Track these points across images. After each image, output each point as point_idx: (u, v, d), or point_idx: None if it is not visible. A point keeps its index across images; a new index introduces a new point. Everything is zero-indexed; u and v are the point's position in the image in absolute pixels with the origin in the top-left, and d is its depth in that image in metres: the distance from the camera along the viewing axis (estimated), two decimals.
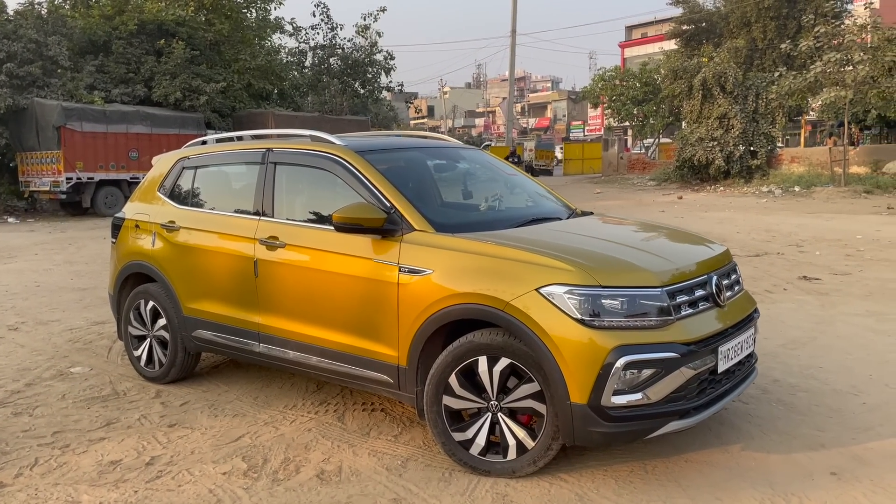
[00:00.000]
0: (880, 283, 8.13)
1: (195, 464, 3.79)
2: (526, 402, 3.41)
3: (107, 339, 6.42)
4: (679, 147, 27.30)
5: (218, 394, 4.90)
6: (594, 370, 3.17)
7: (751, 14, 31.33)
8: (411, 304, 3.66)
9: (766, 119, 25.92)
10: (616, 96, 37.86)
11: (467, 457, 3.55)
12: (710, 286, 3.61)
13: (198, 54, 24.36)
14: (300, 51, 31.48)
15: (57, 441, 4.16)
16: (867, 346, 5.61)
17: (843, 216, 16.16)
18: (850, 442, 3.81)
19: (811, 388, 4.67)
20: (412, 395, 3.75)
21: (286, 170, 4.46)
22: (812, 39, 22.39)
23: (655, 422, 3.25)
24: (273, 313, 4.31)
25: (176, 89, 22.92)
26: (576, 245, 3.70)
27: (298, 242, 4.18)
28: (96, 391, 5.02)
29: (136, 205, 5.36)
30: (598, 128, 58.41)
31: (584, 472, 3.54)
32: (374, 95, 32.46)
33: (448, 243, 3.65)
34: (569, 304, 3.24)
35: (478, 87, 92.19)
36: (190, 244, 4.79)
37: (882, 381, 4.77)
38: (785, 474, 3.45)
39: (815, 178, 23.49)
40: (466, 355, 3.49)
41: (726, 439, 3.88)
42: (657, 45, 51.06)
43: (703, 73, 26.08)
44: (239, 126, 24.57)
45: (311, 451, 3.90)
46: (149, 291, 5.06)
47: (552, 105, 70.05)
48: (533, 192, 4.85)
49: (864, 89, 21.45)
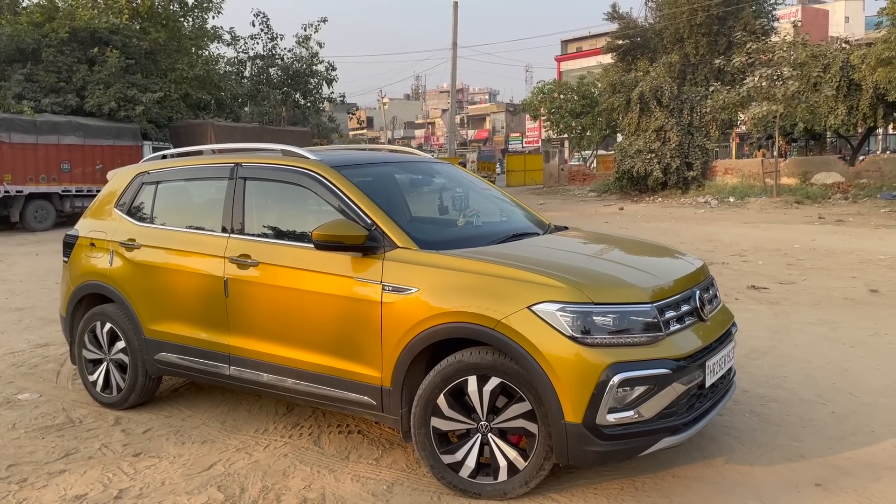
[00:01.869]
0: (826, 292, 8.40)
1: (167, 496, 3.60)
2: (517, 421, 3.35)
3: (53, 363, 6.10)
4: (618, 159, 27.86)
5: (182, 419, 4.69)
6: (589, 388, 3.14)
7: (683, 30, 32.20)
8: (396, 323, 3.57)
9: (701, 132, 26.70)
10: (555, 109, 38.41)
11: (457, 479, 3.47)
12: (694, 301, 3.63)
13: (133, 63, 23.65)
14: (239, 60, 30.91)
15: (12, 475, 3.90)
16: (825, 354, 5.76)
17: (778, 226, 16.73)
18: (827, 452, 3.88)
19: (780, 398, 4.76)
20: (396, 417, 3.65)
21: (257, 185, 4.31)
22: (744, 55, 23.19)
23: (649, 439, 3.24)
24: (245, 334, 4.14)
25: (110, 99, 22.18)
26: (563, 262, 3.68)
27: (272, 261, 4.04)
28: (49, 419, 4.74)
29: (91, 222, 5.10)
30: (536, 139, 59.19)
31: (575, 491, 3.50)
32: (316, 106, 32.09)
33: (434, 260, 3.58)
34: (561, 321, 3.20)
35: (417, 98, 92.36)
36: (152, 263, 4.58)
37: (845, 389, 4.89)
38: (772, 487, 3.49)
39: (749, 188, 24.29)
40: (455, 375, 3.41)
41: (709, 453, 3.90)
42: (592, 59, 52.13)
43: (640, 87, 26.72)
44: (176, 137, 23.90)
45: (289, 478, 3.75)
46: (106, 313, 4.82)
47: (490, 117, 70.61)
48: (507, 207, 4.82)
49: (794, 104, 22.31)
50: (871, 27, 46.01)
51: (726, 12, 31.32)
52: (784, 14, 38.20)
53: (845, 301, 7.84)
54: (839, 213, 18.96)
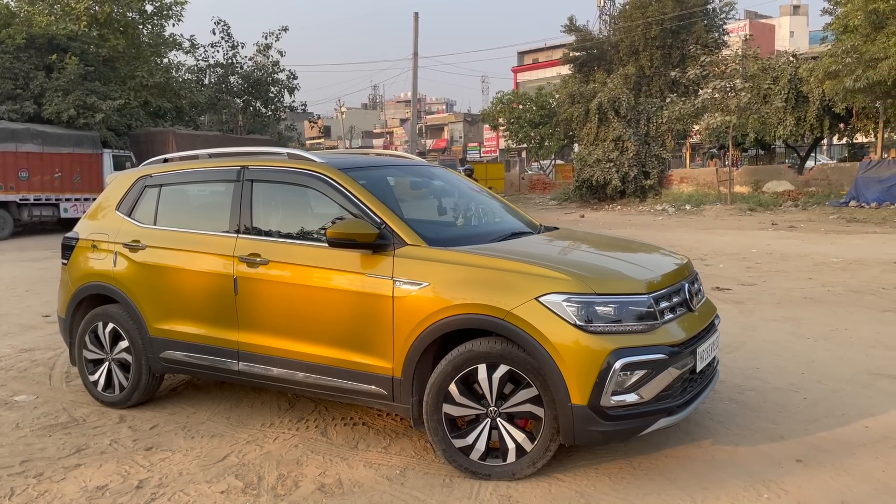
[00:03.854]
0: (785, 292, 8.84)
1: (187, 485, 3.74)
2: (524, 406, 3.59)
3: (42, 367, 6.13)
4: (578, 168, 28.47)
5: (187, 416, 4.80)
6: (594, 372, 3.39)
7: (639, 43, 33.05)
8: (407, 316, 3.77)
9: (657, 142, 27.49)
10: (514, 119, 38.98)
11: (468, 462, 3.68)
12: (684, 293, 3.92)
13: (92, 70, 23.39)
14: (199, 68, 30.70)
15: (28, 470, 3.98)
16: (792, 348, 6.13)
17: (734, 232, 17.35)
18: (804, 433, 4.20)
19: (755, 387, 5.09)
20: (407, 405, 3.85)
21: (264, 187, 4.47)
22: (699, 68, 23.97)
23: (648, 419, 3.50)
24: (255, 331, 4.30)
25: (69, 106, 21.88)
26: (565, 256, 3.94)
27: (283, 259, 4.20)
28: (52, 419, 4.81)
29: (92, 224, 5.19)
30: (494, 149, 59.79)
31: (578, 471, 3.74)
32: (278, 115, 32.04)
33: (443, 256, 3.80)
34: (567, 311, 3.45)
35: (374, 108, 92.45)
36: (158, 264, 4.70)
37: (814, 378, 5.25)
38: (757, 464, 3.78)
39: (704, 196, 25.06)
40: (466, 364, 3.63)
41: (696, 436, 4.19)
42: (548, 70, 53.03)
43: (599, 98, 27.39)
44: (136, 146, 23.67)
45: (304, 467, 3.92)
46: (108, 313, 4.91)
47: (449, 126, 71.13)
48: (499, 209, 5.07)
49: (746, 114, 23.15)
50: (816, 41, 47.90)
51: (679, 26, 32.26)
52: (733, 28, 39.43)
53: (805, 300, 8.28)
54: (791, 219, 19.72)
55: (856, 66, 18.65)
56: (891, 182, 20.99)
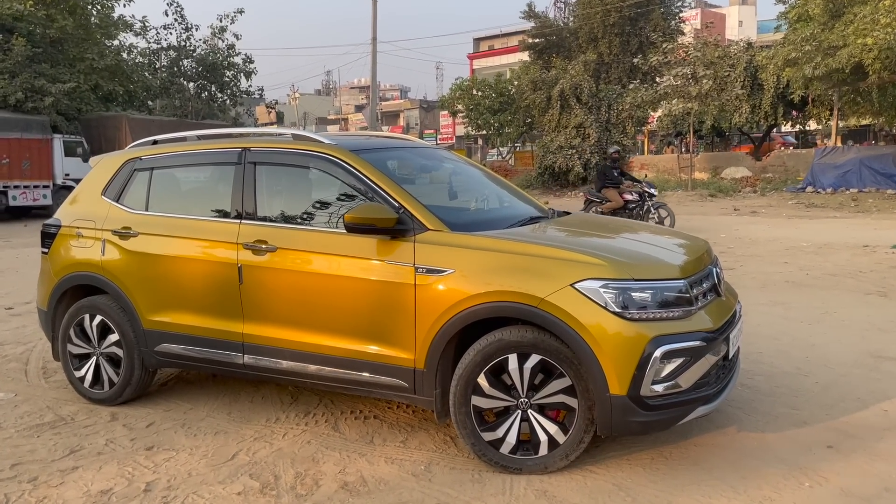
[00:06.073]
0: (766, 276, 8.91)
1: (200, 486, 3.51)
2: (557, 397, 3.45)
3: (15, 362, 5.77)
4: (540, 155, 28.50)
5: (184, 412, 4.55)
6: (633, 361, 3.26)
7: (598, 30, 33.20)
8: (431, 305, 3.59)
9: (618, 128, 27.65)
10: (473, 105, 38.80)
11: (498, 456, 3.53)
12: (713, 277, 3.83)
13: (40, 52, 22.40)
14: (151, 51, 29.70)
15: (20, 474, 3.70)
16: (788, 332, 6.14)
17: (699, 217, 17.56)
18: (826, 417, 4.16)
19: (763, 371, 5.05)
20: (430, 398, 3.68)
21: (269, 170, 4.23)
22: (661, 54, 24.16)
23: (687, 408, 3.40)
24: (262, 322, 4.07)
25: (17, 89, 20.95)
26: (596, 241, 3.80)
27: (292, 246, 3.98)
28: (37, 418, 4.50)
29: (75, 209, 4.86)
30: (451, 136, 59.55)
31: (610, 463, 3.63)
32: (235, 99, 31.23)
33: (469, 242, 3.62)
34: (605, 297, 3.31)
35: (328, 94, 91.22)
36: (151, 252, 4.42)
37: (819, 362, 5.24)
38: (788, 450, 3.72)
39: (664, 183, 25.32)
40: (496, 354, 3.47)
41: (719, 423, 4.11)
42: (505, 57, 52.94)
43: (560, 85, 27.39)
44: (87, 131, 22.81)
45: (321, 464, 3.72)
46: (96, 305, 4.61)
47: (404, 113, 70.51)
48: (509, 193, 4.91)
49: (707, 101, 23.44)
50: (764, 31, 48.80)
51: (637, 13, 32.49)
52: (686, 17, 39.94)
53: (788, 284, 8.34)
54: (751, 205, 20.05)
55: (815, 54, 18.98)
56: (846, 168, 21.52)
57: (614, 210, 13.53)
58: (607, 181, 13.90)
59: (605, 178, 14.02)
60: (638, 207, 13.64)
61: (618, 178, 13.94)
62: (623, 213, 13.54)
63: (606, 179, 13.94)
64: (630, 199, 13.61)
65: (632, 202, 13.62)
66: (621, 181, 13.94)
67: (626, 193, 13.70)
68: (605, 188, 13.85)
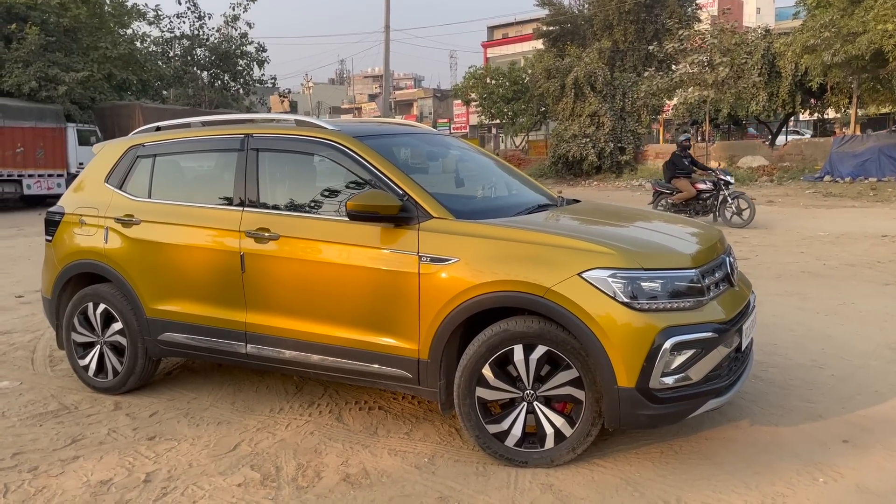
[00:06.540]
0: (781, 266, 8.76)
1: (200, 477, 3.46)
2: (564, 389, 3.36)
3: (23, 350, 5.76)
4: (554, 143, 28.28)
5: (187, 401, 4.50)
6: (642, 353, 3.17)
7: (613, 17, 32.80)
8: (435, 294, 3.51)
9: (633, 117, 27.38)
10: (487, 94, 38.57)
11: (503, 449, 3.46)
12: (725, 266, 3.72)
13: (53, 41, 22.41)
14: (164, 40, 29.68)
15: (20, 464, 3.66)
16: (804, 323, 6.01)
17: None
18: (841, 411, 4.05)
19: (778, 363, 4.94)
20: (434, 389, 3.60)
21: (272, 156, 4.15)
22: (677, 41, 23.85)
23: (697, 401, 3.30)
24: (265, 311, 4.00)
25: (30, 78, 20.99)
26: (605, 229, 3.70)
27: (295, 234, 3.91)
28: (41, 406, 4.47)
29: (78, 197, 4.82)
30: (464, 125, 59.31)
31: (618, 456, 3.54)
32: (248, 88, 31.18)
33: (474, 230, 3.54)
34: (613, 287, 3.22)
35: (341, 83, 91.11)
36: (154, 240, 4.36)
37: (835, 354, 5.12)
38: (802, 445, 3.62)
39: None
40: (501, 344, 3.39)
41: (731, 416, 4.01)
42: (519, 45, 52.61)
43: (575, 73, 27.13)
44: (101, 119, 22.86)
45: (323, 455, 3.66)
46: (99, 293, 4.57)
47: (418, 102, 70.25)
48: (517, 180, 4.81)
49: (724, 89, 23.13)
50: (782, 18, 48.15)
51: (653, 0, 32.08)
52: (703, 3, 39.44)
53: (804, 274, 8.19)
54: (768, 194, 19.77)
55: (834, 41, 18.65)
56: (865, 157, 21.15)
57: (686, 201, 12.93)
58: (678, 170, 13.10)
59: (675, 167, 13.18)
60: (712, 197, 12.92)
61: (689, 167, 13.15)
62: (696, 203, 12.96)
63: (677, 169, 13.13)
64: (703, 189, 12.88)
65: (705, 192, 12.90)
66: (693, 170, 13.17)
67: (699, 183, 12.97)
68: (675, 178, 13.08)
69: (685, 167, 13.14)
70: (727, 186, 12.83)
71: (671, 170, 13.27)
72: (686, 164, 13.19)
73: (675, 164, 13.24)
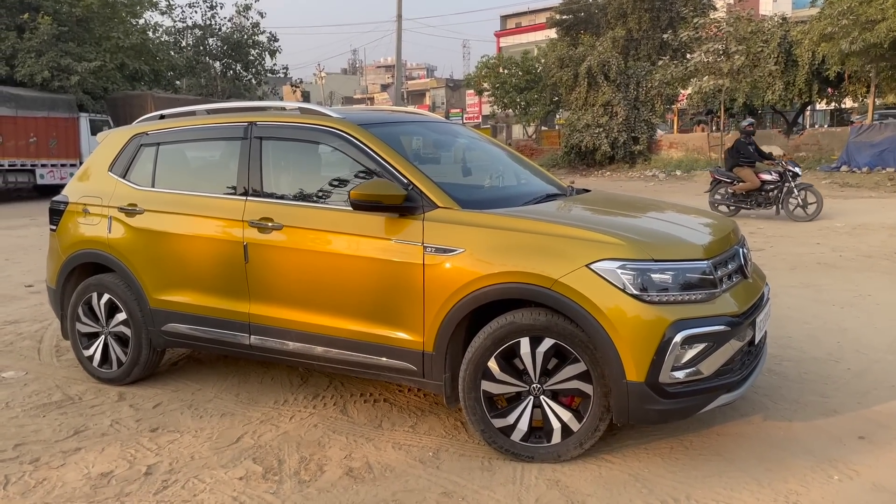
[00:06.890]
0: (796, 257, 8.62)
1: (201, 470, 3.41)
2: (571, 382, 3.28)
3: (30, 340, 5.75)
4: (567, 133, 28.06)
5: (192, 393, 4.46)
6: (652, 347, 3.08)
7: (627, 6, 32.47)
8: (440, 285, 3.44)
9: (647, 106, 27.11)
10: (499, 84, 38.34)
11: (509, 443, 3.39)
12: (739, 258, 3.62)
13: (66, 30, 22.46)
14: (177, 30, 29.71)
15: (22, 455, 3.63)
16: (819, 315, 5.90)
17: None
18: (857, 406, 3.95)
19: (792, 357, 4.84)
20: (439, 382, 3.53)
21: (275, 145, 4.09)
22: (692, 30, 23.56)
23: (708, 396, 3.21)
24: (268, 302, 3.95)
25: (43, 68, 21.06)
26: (615, 220, 3.61)
27: (298, 224, 3.84)
28: (45, 397, 4.45)
29: (82, 186, 4.78)
30: (477, 115, 59.06)
31: (627, 452, 3.46)
32: (260, 78, 31.19)
33: (479, 220, 3.45)
34: (623, 279, 3.13)
35: (354, 73, 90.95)
36: (157, 229, 4.31)
37: (851, 347, 5.00)
38: (816, 441, 3.52)
39: (693, 162, 24.82)
40: (508, 337, 3.32)
41: (743, 411, 3.92)
42: (532, 34, 52.23)
43: (588, 62, 26.88)
44: (113, 109, 22.91)
45: (326, 449, 3.60)
46: (103, 283, 4.53)
47: (430, 92, 70.06)
48: (525, 169, 4.72)
49: (739, 78, 22.84)
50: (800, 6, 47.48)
51: None
52: None
53: (819, 265, 8.06)
54: None
55: (852, 28, 18.34)
56: (883, 146, 20.81)
57: (749, 191, 12.31)
58: (742, 158, 12.34)
59: (738, 154, 12.39)
60: (777, 189, 12.19)
61: (754, 155, 12.39)
62: (759, 195, 12.30)
63: (741, 156, 12.36)
64: (768, 180, 12.14)
65: (770, 183, 12.15)
66: (758, 159, 12.43)
67: (764, 173, 12.19)
68: (738, 166, 12.36)
69: (750, 154, 12.38)
70: (794, 178, 12.11)
71: (734, 157, 12.50)
72: (751, 150, 12.43)
73: (739, 151, 12.46)
